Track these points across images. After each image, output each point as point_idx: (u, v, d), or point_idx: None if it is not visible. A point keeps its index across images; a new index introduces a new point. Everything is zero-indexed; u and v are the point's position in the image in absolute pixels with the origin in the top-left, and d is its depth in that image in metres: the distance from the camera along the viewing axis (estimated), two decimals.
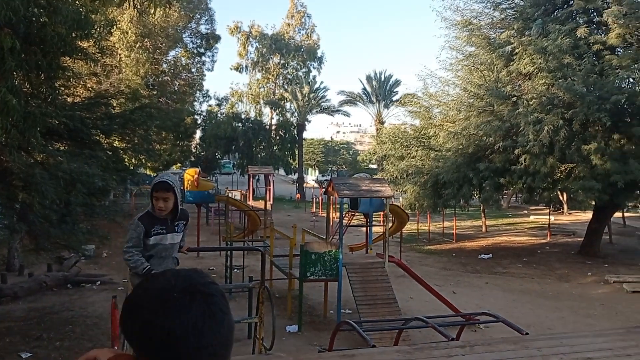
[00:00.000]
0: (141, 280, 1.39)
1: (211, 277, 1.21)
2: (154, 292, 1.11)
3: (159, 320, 1.05)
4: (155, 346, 1.06)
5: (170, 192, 4.61)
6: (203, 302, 1.09)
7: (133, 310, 1.11)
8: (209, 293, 1.11)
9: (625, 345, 5.20)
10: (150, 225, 4.71)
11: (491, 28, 23.10)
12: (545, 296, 16.42)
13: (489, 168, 20.09)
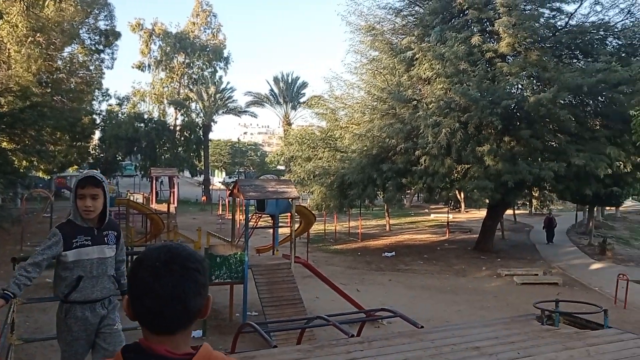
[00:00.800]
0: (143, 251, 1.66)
1: (194, 253, 1.58)
2: (147, 260, 1.51)
3: (146, 283, 1.47)
4: (140, 299, 1.48)
5: (100, 189, 3.84)
6: (180, 272, 1.48)
7: (131, 275, 1.52)
8: (186, 266, 1.49)
9: (510, 333, 5.59)
10: (70, 236, 3.81)
11: (393, 34, 23.92)
12: (444, 291, 17.21)
13: (391, 169, 20.78)
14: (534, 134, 19.42)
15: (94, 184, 3.82)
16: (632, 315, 14.49)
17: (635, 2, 20.99)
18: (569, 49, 21.97)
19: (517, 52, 20.72)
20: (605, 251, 24.75)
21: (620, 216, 41.80)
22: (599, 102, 21.52)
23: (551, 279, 18.66)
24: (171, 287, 1.45)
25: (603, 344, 5.22)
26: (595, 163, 18.27)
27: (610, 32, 21.55)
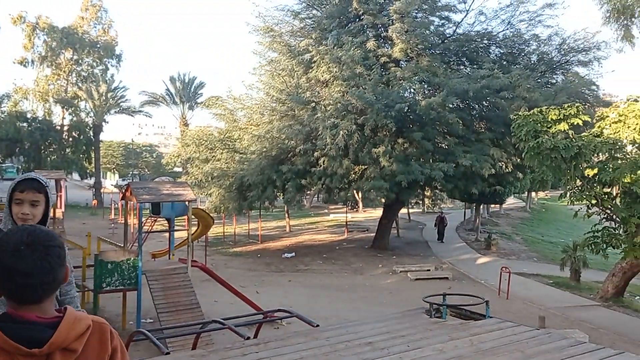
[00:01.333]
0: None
1: (50, 231, 1.77)
2: (9, 245, 1.64)
3: (13, 265, 1.61)
4: (11, 279, 1.62)
5: (42, 195, 3.23)
6: (44, 250, 1.65)
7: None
8: (48, 244, 1.67)
9: (401, 327, 5.83)
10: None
11: (292, 36, 24.08)
12: (342, 289, 17.56)
13: (291, 170, 20.90)
14: (425, 136, 20.30)
15: (36, 188, 3.20)
16: (513, 304, 15.57)
17: (514, 15, 22.64)
18: (456, 55, 23.23)
19: (410, 57, 21.61)
20: (491, 246, 26.44)
21: (504, 213, 44.76)
22: (483, 107, 22.92)
23: (442, 274, 19.60)
24: (40, 264, 1.64)
25: (484, 333, 5.59)
26: (480, 163, 19.43)
27: (493, 41, 23.08)
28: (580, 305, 16.19)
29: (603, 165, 10.39)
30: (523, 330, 5.82)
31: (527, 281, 19.20)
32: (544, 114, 10.64)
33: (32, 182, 3.19)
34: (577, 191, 10.80)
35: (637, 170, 9.85)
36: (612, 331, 13.46)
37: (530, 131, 10.49)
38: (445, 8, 22.17)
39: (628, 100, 10.99)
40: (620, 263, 16.57)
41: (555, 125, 10.44)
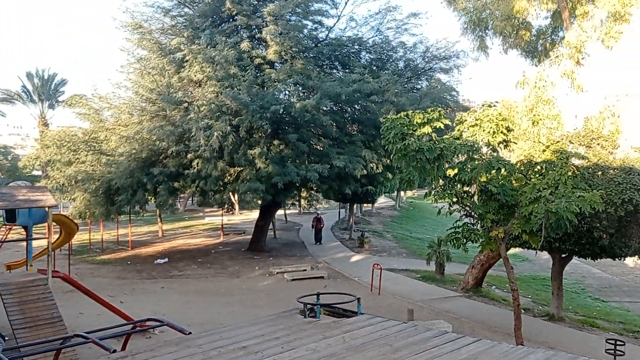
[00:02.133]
0: None
1: None
2: None
3: None
4: None
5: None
6: None
7: None
8: None
9: (275, 329, 5.83)
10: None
11: (162, 33, 23.26)
12: (218, 293, 17.27)
13: (163, 172, 20.17)
14: (300, 138, 20.53)
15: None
16: (385, 299, 16.25)
17: (382, 22, 23.68)
18: (329, 59, 23.79)
19: (284, 59, 21.76)
20: (364, 244, 27.42)
21: (376, 212, 46.60)
22: (355, 110, 23.66)
23: (318, 273, 19.98)
24: None
25: (356, 330, 5.74)
26: (353, 165, 20.04)
27: (364, 46, 23.94)
28: (444, 296, 17.29)
29: (462, 166, 11.07)
30: (392, 324, 6.06)
31: (397, 276, 20.14)
32: (409, 117, 11.16)
33: None
34: (440, 190, 11.40)
35: (491, 170, 10.63)
36: (472, 319, 14.51)
37: (397, 134, 10.92)
38: (318, 12, 22.62)
39: (483, 106, 11.81)
40: (478, 256, 17.93)
41: (420, 129, 10.99)
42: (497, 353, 5.22)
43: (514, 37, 23.24)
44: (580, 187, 10.70)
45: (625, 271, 26.74)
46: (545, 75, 20.23)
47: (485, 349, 5.32)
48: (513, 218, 10.70)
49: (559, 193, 9.84)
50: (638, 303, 20.98)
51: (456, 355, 5.11)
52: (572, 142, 14.64)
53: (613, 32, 18.68)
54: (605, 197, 11.34)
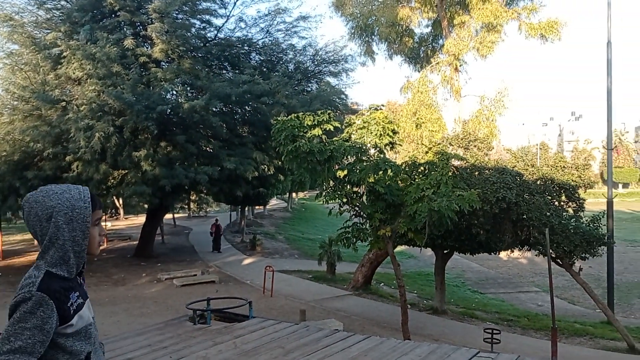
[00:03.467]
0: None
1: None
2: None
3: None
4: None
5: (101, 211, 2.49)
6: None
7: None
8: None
9: (163, 339, 5.58)
10: (64, 298, 2.17)
11: (36, 27, 21.65)
12: (102, 303, 16.35)
13: (38, 176, 18.78)
14: (189, 139, 20.02)
15: (99, 204, 2.43)
16: (277, 301, 16.23)
17: (272, 24, 23.69)
18: (218, 60, 23.40)
19: (171, 58, 21.09)
20: (256, 246, 27.29)
21: (268, 214, 46.64)
22: (246, 111, 23.48)
23: (209, 278, 19.56)
24: None
25: (248, 334, 5.65)
26: (244, 166, 19.85)
27: (254, 48, 23.81)
28: (335, 295, 17.59)
29: (351, 167, 11.33)
30: (284, 326, 6.04)
31: (290, 277, 20.23)
32: (300, 119, 11.24)
33: (94, 198, 2.37)
34: (331, 191, 11.58)
35: (378, 171, 10.97)
36: (362, 317, 14.89)
37: (288, 135, 10.95)
38: (206, 12, 22.15)
39: (370, 109, 12.17)
40: (367, 255, 18.47)
41: (311, 131, 11.11)
42: (386, 348, 5.37)
43: (398, 43, 24.21)
44: (459, 186, 11.35)
45: (500, 264, 28.81)
46: (427, 81, 21.32)
47: (374, 345, 5.45)
48: (399, 217, 11.10)
49: (440, 192, 10.34)
50: (511, 293, 22.69)
51: (347, 353, 5.18)
52: (452, 144, 15.49)
53: (486, 42, 20.05)
54: (481, 196, 12.09)
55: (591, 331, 14.90)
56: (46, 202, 2.17)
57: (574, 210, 14.09)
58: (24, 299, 2.02)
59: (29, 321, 2.00)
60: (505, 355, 5.26)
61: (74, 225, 2.20)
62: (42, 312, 2.03)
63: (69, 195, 2.23)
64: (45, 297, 2.04)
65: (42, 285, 2.07)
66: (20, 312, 2.01)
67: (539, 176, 14.31)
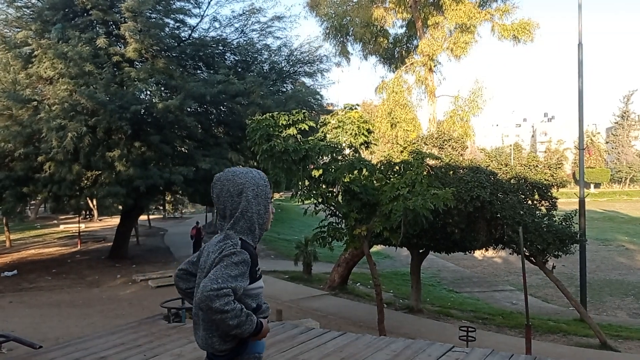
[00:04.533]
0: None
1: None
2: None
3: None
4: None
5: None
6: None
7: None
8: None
9: (137, 337, 5.53)
10: (255, 262, 2.56)
11: (6, 25, 21.24)
12: (76, 305, 16.13)
13: (9, 177, 18.47)
14: (164, 140, 19.84)
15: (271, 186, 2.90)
16: None
17: (247, 24, 23.61)
18: (193, 59, 23.23)
19: (145, 58, 20.90)
20: None
21: None
22: (221, 111, 23.36)
23: None
24: None
25: None
26: (219, 167, 19.68)
27: (228, 48, 23.69)
28: (312, 295, 17.61)
29: (326, 167, 11.36)
30: None
31: (266, 278, 20.05)
32: (275, 119, 11.24)
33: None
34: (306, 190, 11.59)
35: (353, 171, 11.01)
36: (338, 316, 14.93)
37: (263, 135, 10.93)
38: (180, 11, 21.95)
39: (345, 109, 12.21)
40: (343, 254, 18.52)
41: (286, 130, 11.10)
42: (362, 344, 5.40)
43: (373, 43, 24.31)
44: (434, 185, 11.44)
45: (475, 263, 29.15)
46: (402, 81, 21.48)
47: (350, 341, 5.48)
48: (375, 216, 11.15)
49: (415, 191, 10.42)
50: (486, 292, 22.97)
51: (323, 349, 5.20)
52: (427, 143, 15.63)
53: (460, 43, 20.28)
54: (456, 195, 12.22)
55: (564, 328, 15.17)
56: (236, 180, 2.55)
57: (546, 209, 14.33)
58: (231, 252, 2.41)
59: (233, 270, 2.36)
60: (480, 350, 5.34)
61: (259, 200, 2.57)
62: (243, 266, 2.40)
63: (252, 175, 2.61)
64: (247, 255, 2.43)
65: (243, 246, 2.46)
66: (226, 261, 2.38)
67: (512, 175, 14.51)
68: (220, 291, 2.29)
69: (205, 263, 2.54)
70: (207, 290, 2.29)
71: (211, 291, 2.29)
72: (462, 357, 4.93)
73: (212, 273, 2.36)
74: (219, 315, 2.30)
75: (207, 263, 2.49)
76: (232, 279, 2.35)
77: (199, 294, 2.31)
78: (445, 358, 4.92)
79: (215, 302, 2.28)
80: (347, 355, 4.88)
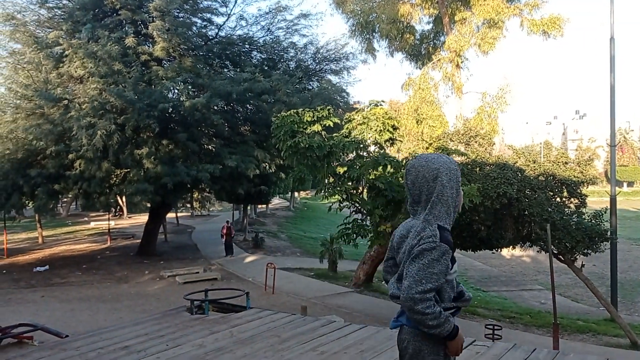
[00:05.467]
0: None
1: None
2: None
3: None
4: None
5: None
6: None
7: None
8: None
9: (160, 328, 5.61)
10: (453, 248, 2.66)
11: (38, 26, 21.71)
12: (105, 300, 16.42)
13: (41, 174, 18.88)
14: (191, 137, 20.03)
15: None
16: (279, 298, 16.24)
17: (273, 22, 23.70)
18: (219, 58, 23.41)
19: (172, 57, 21.14)
20: (258, 245, 27.30)
21: (270, 213, 46.63)
22: (247, 109, 23.48)
23: (211, 275, 19.59)
24: None
25: (244, 324, 5.67)
26: (245, 164, 19.87)
27: (255, 46, 23.81)
28: (337, 293, 17.58)
29: (351, 163, 11.34)
30: (280, 317, 6.05)
31: (291, 275, 20.23)
32: (300, 115, 11.26)
33: None
34: (331, 187, 11.58)
35: (378, 167, 10.97)
36: (363, 313, 14.88)
37: (288, 131, 10.98)
38: (207, 10, 22.18)
39: (370, 105, 12.17)
40: (368, 252, 18.46)
41: (310, 127, 11.12)
42: (382, 337, 5.38)
43: (399, 40, 24.17)
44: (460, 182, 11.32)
45: (503, 263, 28.76)
46: (429, 78, 21.30)
47: (370, 334, 5.46)
48: (400, 213, 11.08)
49: None
50: (514, 291, 22.63)
51: (343, 341, 5.20)
52: (453, 139, 15.48)
53: (488, 38, 20.01)
54: (482, 191, 12.06)
55: (594, 328, 14.84)
56: (430, 165, 2.61)
57: (575, 207, 14.03)
58: (431, 247, 2.47)
59: (436, 267, 2.45)
60: (502, 344, 5.27)
61: (452, 184, 2.63)
62: (445, 259, 2.48)
63: (444, 160, 2.67)
64: (447, 247, 2.49)
65: (442, 237, 2.50)
66: (427, 258, 2.46)
67: (540, 172, 14.26)
68: (424, 295, 2.42)
69: (400, 246, 2.65)
70: (412, 293, 2.42)
71: (416, 294, 2.42)
72: (483, 351, 4.87)
73: (415, 272, 2.45)
74: (420, 317, 2.44)
75: (405, 248, 2.58)
76: (436, 276, 2.45)
77: (404, 294, 2.44)
78: (467, 351, 4.86)
79: (418, 304, 2.41)
80: (367, 348, 4.87)
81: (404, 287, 2.46)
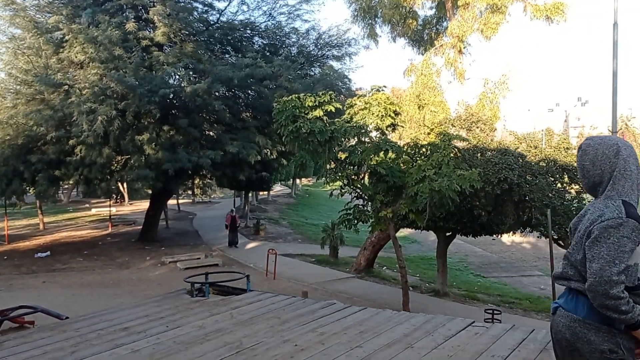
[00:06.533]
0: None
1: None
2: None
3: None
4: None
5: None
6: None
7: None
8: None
9: (160, 310, 5.62)
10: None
11: (38, 11, 21.58)
12: (106, 285, 16.49)
13: (42, 160, 18.88)
14: (192, 123, 19.97)
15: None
16: (280, 283, 16.30)
17: (275, 7, 23.54)
18: (221, 43, 23.28)
19: (173, 42, 21.02)
20: (259, 231, 27.35)
21: (271, 200, 46.65)
22: (249, 95, 23.38)
23: (212, 261, 19.66)
24: None
25: (244, 306, 5.68)
26: (247, 150, 19.82)
27: (256, 31, 23.68)
28: (338, 278, 17.64)
29: (353, 149, 11.29)
30: (280, 299, 6.07)
31: (293, 261, 20.28)
32: (301, 100, 11.20)
33: None
34: (332, 172, 11.55)
35: (379, 152, 10.93)
36: (364, 298, 14.93)
37: (289, 116, 10.92)
38: None
39: (372, 90, 12.09)
40: (369, 237, 18.48)
41: (312, 112, 11.06)
42: (382, 318, 5.38)
43: (401, 25, 23.93)
44: (461, 167, 11.28)
45: (503, 249, 28.78)
46: (431, 64, 21.18)
47: (370, 316, 5.47)
48: (401, 198, 11.06)
49: (442, 173, 10.28)
50: (514, 277, 22.67)
51: (343, 322, 5.20)
52: (455, 125, 15.43)
53: (491, 23, 19.86)
54: (483, 176, 12.03)
55: None
56: (607, 142, 2.49)
57: (576, 192, 14.02)
58: (618, 224, 2.30)
59: (627, 245, 2.28)
60: (500, 325, 5.27)
61: (632, 159, 2.48)
62: (636, 236, 2.30)
63: (617, 137, 2.55)
64: (636, 223, 2.30)
65: (628, 212, 2.33)
66: (615, 236, 2.29)
67: (541, 157, 14.22)
68: (620, 276, 2.24)
69: (577, 226, 2.50)
70: (607, 275, 2.23)
71: (613, 275, 2.23)
72: (482, 332, 4.88)
73: (606, 252, 2.27)
74: (614, 302, 2.23)
75: (583, 226, 2.43)
76: (628, 255, 2.27)
77: (596, 277, 2.25)
78: (465, 332, 4.86)
79: (614, 288, 2.22)
80: (367, 329, 4.88)
81: (593, 270, 2.25)
